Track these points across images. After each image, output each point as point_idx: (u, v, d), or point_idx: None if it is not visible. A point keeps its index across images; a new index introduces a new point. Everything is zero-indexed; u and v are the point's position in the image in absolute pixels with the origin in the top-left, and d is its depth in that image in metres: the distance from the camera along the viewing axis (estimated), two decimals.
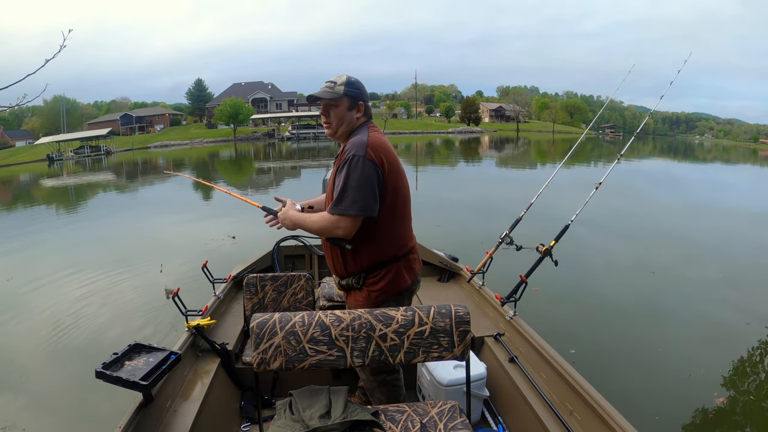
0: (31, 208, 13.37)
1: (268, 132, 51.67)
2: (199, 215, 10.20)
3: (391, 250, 1.77)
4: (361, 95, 1.78)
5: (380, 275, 1.77)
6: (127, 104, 70.68)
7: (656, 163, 27.48)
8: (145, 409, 1.72)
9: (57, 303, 4.90)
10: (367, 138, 1.70)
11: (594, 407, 1.75)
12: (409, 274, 1.83)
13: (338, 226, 1.65)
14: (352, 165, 1.63)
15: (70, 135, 43.23)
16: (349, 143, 1.70)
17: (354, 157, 1.64)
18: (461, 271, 3.45)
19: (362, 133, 1.73)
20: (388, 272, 1.77)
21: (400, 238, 1.80)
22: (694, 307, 4.74)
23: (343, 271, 1.82)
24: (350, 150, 1.66)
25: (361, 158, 1.63)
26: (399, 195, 1.75)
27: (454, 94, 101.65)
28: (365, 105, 1.79)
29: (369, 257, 1.75)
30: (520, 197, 7.04)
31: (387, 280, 1.77)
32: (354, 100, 1.76)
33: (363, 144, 1.66)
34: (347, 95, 1.75)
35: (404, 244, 1.82)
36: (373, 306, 1.76)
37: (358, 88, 1.77)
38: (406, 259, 1.82)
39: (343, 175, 1.65)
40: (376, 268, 1.77)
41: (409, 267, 1.84)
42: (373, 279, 1.77)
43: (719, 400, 3.09)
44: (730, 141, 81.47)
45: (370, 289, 1.78)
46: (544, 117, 74.88)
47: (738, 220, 9.40)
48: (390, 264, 1.77)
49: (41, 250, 7.32)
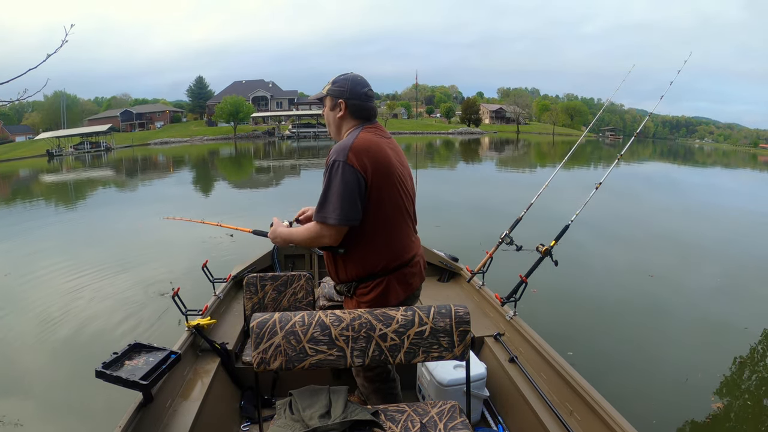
0: (29, 203, 13.34)
1: (268, 130, 51.66)
2: (197, 214, 10.19)
3: (381, 260, 1.65)
4: (342, 93, 1.67)
5: (370, 287, 1.67)
6: (128, 101, 70.69)
7: (656, 166, 27.52)
8: (145, 408, 1.72)
9: (56, 302, 4.88)
10: (353, 141, 1.58)
11: (594, 407, 1.75)
12: (403, 288, 1.70)
13: (323, 235, 1.59)
14: (333, 171, 1.55)
15: (70, 131, 43.14)
16: (333, 147, 1.61)
17: (334, 162, 1.55)
18: (461, 271, 3.45)
19: (351, 136, 1.63)
20: (378, 285, 1.66)
21: (392, 248, 1.66)
22: (692, 309, 4.74)
23: (336, 277, 1.77)
24: (332, 155, 1.58)
25: (341, 164, 1.54)
26: (389, 201, 1.62)
27: (455, 94, 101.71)
28: (348, 103, 1.67)
29: (358, 267, 1.66)
30: (519, 198, 7.04)
31: (376, 293, 1.66)
32: (334, 99, 1.68)
33: (345, 148, 1.56)
34: (329, 94, 1.70)
35: (398, 256, 1.67)
36: None
37: (341, 85, 1.67)
38: (401, 272, 1.68)
39: (324, 181, 1.58)
40: (367, 279, 1.67)
41: (404, 281, 1.70)
42: (363, 290, 1.68)
43: (716, 406, 3.09)
44: (730, 145, 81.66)
45: (360, 300, 1.69)
46: (545, 119, 74.90)
47: (737, 223, 9.41)
48: (380, 276, 1.66)
49: (40, 246, 7.29)
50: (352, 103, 1.67)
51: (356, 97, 1.67)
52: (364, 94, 1.69)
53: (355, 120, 1.70)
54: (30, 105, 58.52)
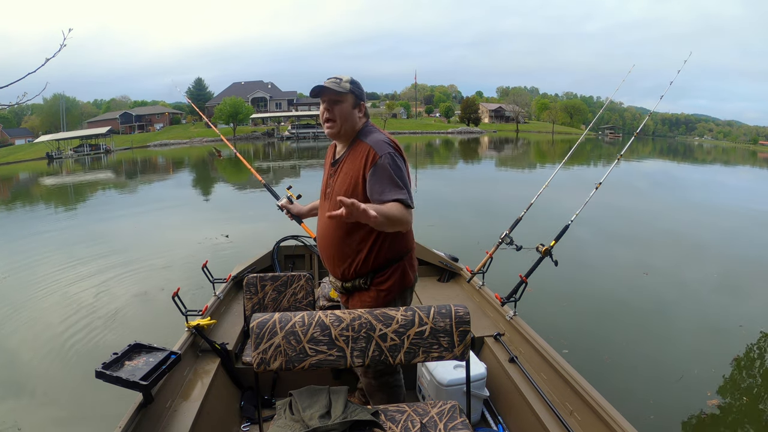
0: (29, 206, 13.35)
1: (267, 131, 51.63)
2: (196, 213, 10.22)
3: (403, 247, 1.78)
4: (363, 96, 1.78)
5: (388, 274, 1.76)
6: (127, 103, 70.60)
7: (656, 164, 27.51)
8: (145, 409, 1.72)
9: (56, 302, 4.89)
10: (383, 136, 1.72)
11: (594, 407, 1.75)
12: (412, 271, 1.83)
13: (410, 220, 1.63)
14: (397, 161, 1.65)
15: (69, 133, 43.11)
16: (372, 143, 1.67)
17: (391, 153, 1.66)
18: (461, 271, 3.45)
19: (377, 132, 1.75)
20: (396, 270, 1.77)
21: (410, 234, 1.82)
22: (691, 307, 4.74)
23: (352, 273, 1.77)
24: (381, 149, 1.66)
25: (393, 154, 1.66)
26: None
27: (454, 94, 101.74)
28: (365, 107, 1.80)
29: (383, 256, 1.74)
30: (519, 197, 7.05)
31: (395, 278, 1.76)
32: (358, 99, 1.75)
33: (387, 141, 1.70)
34: (353, 93, 1.73)
35: (410, 241, 1.83)
36: (381, 305, 1.74)
37: (360, 88, 1.77)
38: (410, 255, 1.83)
39: (390, 171, 1.62)
40: (385, 267, 1.75)
41: (412, 264, 1.84)
42: (380, 278, 1.76)
43: (712, 403, 3.09)
44: (730, 143, 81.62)
45: (379, 289, 1.76)
46: (544, 118, 74.89)
47: (737, 220, 9.42)
48: (398, 262, 1.77)
49: (39, 248, 7.29)
50: (365, 105, 1.81)
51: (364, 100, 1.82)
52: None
53: (365, 120, 1.80)
54: (29, 108, 58.46)
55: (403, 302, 1.83)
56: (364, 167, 1.65)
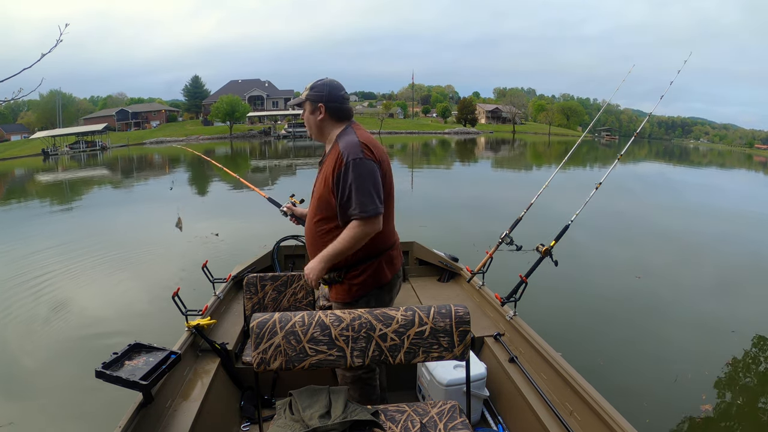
0: (25, 202, 13.26)
1: (264, 130, 51.45)
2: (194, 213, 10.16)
3: (377, 245, 1.79)
4: (321, 97, 1.78)
5: (361, 269, 1.80)
6: (123, 100, 70.22)
7: (652, 166, 27.64)
8: (145, 408, 1.72)
9: (55, 302, 4.85)
10: (357, 138, 1.72)
11: (594, 407, 1.76)
12: (389, 269, 1.85)
13: (373, 229, 1.69)
14: (356, 168, 1.66)
15: (65, 130, 42.84)
16: (342, 147, 1.70)
17: (356, 159, 1.66)
18: (461, 271, 3.46)
19: (349, 134, 1.75)
20: (369, 267, 1.80)
21: (385, 233, 1.81)
22: (688, 308, 4.77)
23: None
24: (347, 154, 1.67)
25: (361, 159, 1.66)
26: (387, 189, 1.78)
27: (451, 94, 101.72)
28: (327, 106, 1.78)
29: (357, 254, 1.76)
30: (515, 199, 7.07)
31: (367, 274, 1.80)
32: (314, 103, 1.79)
33: (356, 145, 1.69)
34: (309, 99, 1.80)
35: (387, 240, 1.84)
36: (352, 299, 1.81)
37: (319, 90, 1.79)
38: (387, 254, 1.85)
39: (351, 178, 1.66)
40: (359, 263, 1.79)
41: (390, 262, 1.86)
42: (354, 273, 1.80)
43: (704, 407, 3.11)
44: (726, 146, 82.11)
45: (351, 283, 1.81)
46: (541, 119, 75.05)
47: (733, 223, 9.47)
48: (372, 259, 1.80)
49: (37, 246, 7.24)
50: (331, 106, 1.79)
51: (334, 100, 1.79)
52: (341, 97, 1.81)
53: (337, 121, 1.81)
54: (25, 104, 58.23)
55: (378, 299, 1.85)
56: (333, 170, 1.71)
